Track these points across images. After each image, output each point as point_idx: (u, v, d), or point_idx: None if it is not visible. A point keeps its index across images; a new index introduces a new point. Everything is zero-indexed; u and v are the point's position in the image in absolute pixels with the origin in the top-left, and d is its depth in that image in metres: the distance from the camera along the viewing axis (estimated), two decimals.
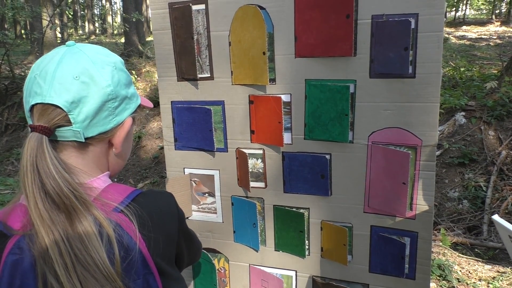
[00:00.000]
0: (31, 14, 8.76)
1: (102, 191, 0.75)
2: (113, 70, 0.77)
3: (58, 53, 0.75)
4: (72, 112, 0.71)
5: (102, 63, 0.76)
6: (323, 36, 1.20)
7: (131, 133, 0.86)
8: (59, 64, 0.73)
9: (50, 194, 0.67)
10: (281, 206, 1.38)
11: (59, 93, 0.71)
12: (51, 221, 0.65)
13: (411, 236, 1.25)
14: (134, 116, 0.84)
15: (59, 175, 0.68)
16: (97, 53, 0.78)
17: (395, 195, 1.22)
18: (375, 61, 1.17)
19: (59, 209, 0.67)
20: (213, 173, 1.44)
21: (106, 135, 0.78)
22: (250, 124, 1.35)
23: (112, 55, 0.81)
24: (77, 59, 0.74)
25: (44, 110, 0.71)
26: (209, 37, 1.33)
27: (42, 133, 0.70)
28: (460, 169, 4.54)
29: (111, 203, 0.72)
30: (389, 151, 1.20)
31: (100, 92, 0.74)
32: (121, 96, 0.78)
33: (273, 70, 1.27)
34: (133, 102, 0.83)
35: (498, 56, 7.95)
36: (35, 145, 0.69)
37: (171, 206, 0.82)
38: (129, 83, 0.82)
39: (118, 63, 0.80)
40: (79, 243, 0.65)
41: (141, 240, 0.71)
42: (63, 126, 0.72)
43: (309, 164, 1.30)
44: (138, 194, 0.77)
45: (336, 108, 1.23)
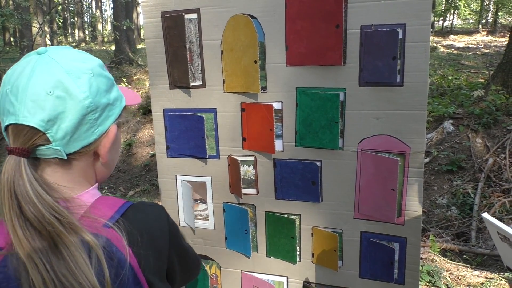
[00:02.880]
0: (21, 21, 8.72)
1: (90, 206, 0.72)
2: (90, 78, 0.70)
3: (29, 63, 0.68)
4: (50, 130, 0.66)
5: (78, 71, 0.69)
6: (313, 45, 1.22)
7: (118, 139, 0.81)
8: (30, 77, 0.66)
9: (31, 221, 0.62)
10: (273, 212, 1.39)
11: (33, 112, 0.65)
12: (32, 250, 0.61)
13: (400, 242, 1.27)
14: (119, 122, 0.78)
15: (40, 200, 0.64)
16: (72, 60, 0.70)
17: (384, 201, 1.24)
18: (364, 70, 1.19)
19: (42, 236, 0.62)
20: (205, 180, 1.45)
21: (89, 148, 0.73)
22: (242, 131, 1.36)
23: (89, 59, 0.73)
24: (49, 70, 0.67)
25: (19, 131, 0.66)
26: (201, 46, 1.35)
27: (19, 155, 0.65)
28: (448, 176, 4.60)
29: (100, 219, 0.69)
30: (378, 158, 1.23)
31: (78, 106, 0.68)
32: (102, 105, 0.72)
33: (264, 78, 1.29)
34: (117, 106, 0.76)
35: (485, 65, 8.10)
36: (13, 169, 0.65)
37: (161, 220, 0.78)
38: (110, 87, 0.75)
39: (96, 68, 0.73)
40: (65, 270, 0.61)
41: (131, 256, 0.69)
42: (42, 145, 0.67)
43: (300, 171, 1.32)
44: (127, 208, 0.74)
45: (326, 116, 1.25)
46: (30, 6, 9.04)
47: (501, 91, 5.42)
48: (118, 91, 0.79)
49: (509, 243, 0.63)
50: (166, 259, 0.77)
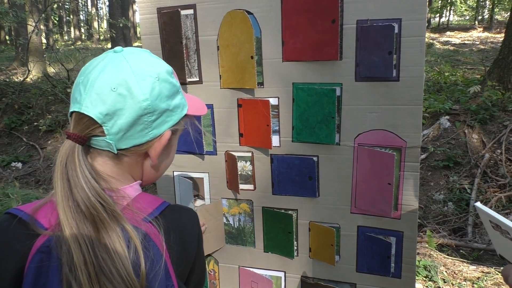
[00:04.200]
0: (16, 19, 8.67)
1: (133, 199, 0.75)
2: (154, 82, 0.73)
3: (104, 59, 0.74)
4: (106, 124, 0.71)
5: (144, 74, 0.72)
6: (309, 40, 1.23)
7: (172, 145, 0.83)
8: (101, 72, 0.71)
9: (79, 204, 0.67)
10: (270, 207, 1.39)
11: (95, 104, 0.70)
12: (78, 231, 0.65)
13: (397, 236, 1.27)
14: (175, 129, 0.79)
15: (88, 185, 0.68)
16: (141, 61, 0.74)
17: (381, 195, 1.25)
18: (360, 65, 1.20)
19: (87, 219, 0.67)
20: (203, 176, 1.45)
21: (141, 148, 0.75)
22: (239, 127, 1.37)
23: (158, 64, 0.76)
24: (119, 69, 0.72)
25: (79, 119, 0.71)
26: (197, 42, 1.35)
27: (75, 141, 0.70)
28: (445, 172, 4.62)
29: (141, 213, 0.72)
30: (374, 153, 1.23)
31: (136, 106, 0.71)
32: (160, 109, 0.74)
33: (261, 74, 1.30)
34: (176, 114, 0.78)
35: (481, 61, 8.13)
36: (67, 153, 0.70)
37: (195, 225, 0.82)
38: (173, 94, 0.77)
39: (162, 74, 0.75)
40: (105, 254, 0.65)
41: (166, 252, 0.71)
42: (97, 136, 0.72)
43: (297, 166, 1.33)
44: (166, 207, 0.77)
45: (323, 111, 1.25)
46: (25, 4, 9.00)
47: (497, 87, 5.44)
48: (182, 99, 0.80)
49: (501, 231, 0.64)
50: (191, 264, 0.80)
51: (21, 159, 6.74)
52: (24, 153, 7.03)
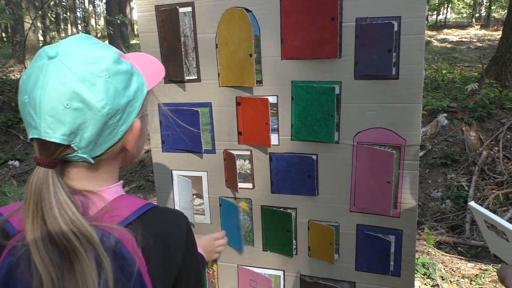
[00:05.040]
0: (13, 16, 8.63)
1: (110, 202, 0.73)
2: (106, 81, 0.67)
3: (41, 70, 0.66)
4: (73, 141, 0.67)
5: (92, 77, 0.66)
6: (308, 38, 1.22)
7: (145, 127, 0.80)
8: (44, 89, 0.64)
9: (51, 234, 0.64)
10: (269, 206, 1.39)
11: (54, 127, 0.65)
12: (48, 262, 0.63)
13: (396, 234, 1.27)
14: (143, 114, 0.76)
15: (61, 212, 0.65)
16: (84, 62, 0.66)
17: (380, 194, 1.25)
18: (360, 63, 1.19)
19: (59, 249, 0.64)
20: (201, 174, 1.45)
21: (115, 147, 0.73)
22: (238, 125, 1.36)
23: (103, 57, 0.69)
24: (62, 80, 0.64)
25: (43, 145, 0.67)
26: (196, 40, 1.34)
27: (47, 167, 0.67)
28: (443, 169, 4.63)
29: (117, 216, 0.69)
30: (374, 151, 1.23)
31: (97, 115, 0.66)
32: (122, 105, 0.70)
33: (259, 72, 1.29)
34: (138, 99, 0.74)
35: (479, 59, 8.14)
36: (41, 182, 0.66)
37: (181, 230, 0.76)
38: (128, 82, 0.71)
39: (111, 67, 0.69)
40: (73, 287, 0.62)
41: (141, 259, 0.68)
42: (69, 154, 0.68)
43: (296, 165, 1.32)
44: (147, 210, 0.73)
45: (322, 109, 1.25)
46: (22, 1, 8.95)
47: (495, 84, 5.45)
48: (139, 78, 0.75)
49: (496, 231, 0.63)
50: (176, 272, 0.75)
51: (18, 157, 6.72)
52: (21, 151, 7.01)
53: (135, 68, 0.76)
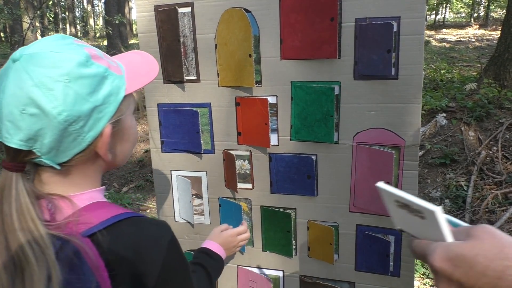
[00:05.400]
0: (11, 16, 8.61)
1: (81, 209, 0.69)
2: (65, 87, 0.64)
3: (5, 73, 0.65)
4: (34, 146, 0.65)
5: (49, 82, 0.63)
6: (308, 38, 1.22)
7: (126, 129, 0.76)
8: (4, 93, 0.63)
9: (7, 240, 0.62)
10: (268, 206, 1.39)
11: (12, 133, 0.64)
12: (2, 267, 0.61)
13: (396, 234, 1.27)
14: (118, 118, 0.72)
15: (20, 219, 0.63)
16: (44, 66, 0.64)
17: (379, 194, 1.25)
18: (359, 63, 1.19)
19: (13, 257, 0.62)
20: (200, 175, 1.44)
21: (84, 153, 0.70)
22: (237, 125, 1.36)
23: (66, 60, 0.65)
24: (20, 84, 0.62)
25: (6, 149, 0.66)
26: (195, 40, 1.34)
27: (12, 170, 0.65)
28: (441, 169, 4.63)
29: (83, 225, 0.66)
30: (373, 151, 1.23)
31: (53, 122, 0.63)
32: (85, 112, 0.66)
33: (259, 72, 1.29)
34: (110, 104, 0.70)
35: (477, 59, 8.15)
36: (2, 184, 0.65)
37: (158, 243, 0.70)
38: (96, 86, 0.67)
39: (73, 71, 0.65)
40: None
41: (103, 275, 0.64)
42: (34, 158, 0.67)
43: (296, 165, 1.32)
44: (122, 220, 0.68)
45: (321, 109, 1.25)
46: (20, 1, 8.94)
47: (493, 84, 5.45)
48: (115, 82, 0.71)
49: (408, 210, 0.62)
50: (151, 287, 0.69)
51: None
52: None
53: (113, 70, 0.72)
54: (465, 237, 0.55)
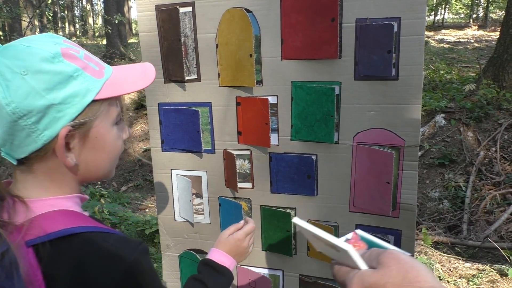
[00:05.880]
0: (10, 15, 8.59)
1: (38, 216, 0.66)
2: (21, 79, 0.63)
3: None
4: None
5: (8, 72, 0.63)
6: (309, 39, 1.22)
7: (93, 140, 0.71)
8: None
9: None
10: (268, 206, 1.39)
11: None
12: None
13: (395, 234, 1.28)
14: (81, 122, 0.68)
15: None
16: (10, 57, 0.64)
17: (379, 194, 1.25)
18: (360, 63, 1.20)
19: None
20: (201, 174, 1.45)
21: (42, 153, 0.67)
22: (237, 125, 1.36)
23: (31, 55, 0.65)
24: None
25: None
26: (196, 40, 1.34)
27: None
28: (440, 169, 4.64)
29: (31, 234, 0.63)
30: (373, 151, 1.23)
31: (2, 112, 0.63)
32: (38, 107, 0.64)
33: (259, 72, 1.29)
34: (72, 105, 0.66)
35: (476, 59, 8.16)
36: None
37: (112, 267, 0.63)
38: (59, 84, 0.65)
39: (34, 64, 0.64)
40: None
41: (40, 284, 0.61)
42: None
43: (296, 165, 1.33)
44: (75, 233, 0.64)
45: (322, 109, 1.25)
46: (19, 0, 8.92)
47: (492, 85, 5.47)
48: (84, 83, 0.68)
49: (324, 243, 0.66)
50: None
51: None
52: None
53: (89, 72, 0.70)
54: (376, 264, 0.59)
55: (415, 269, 0.56)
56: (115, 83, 0.73)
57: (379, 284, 0.56)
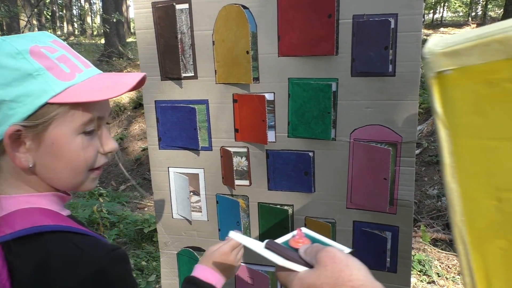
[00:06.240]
0: (8, 14, 8.58)
1: (8, 213, 0.66)
2: None
3: None
4: None
5: None
6: (305, 35, 1.22)
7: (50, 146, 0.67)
8: None
9: None
10: (266, 203, 1.39)
11: None
12: None
13: (392, 231, 1.28)
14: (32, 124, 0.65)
15: None
16: None
17: (376, 190, 1.25)
18: (357, 60, 1.19)
19: None
20: (198, 171, 1.45)
21: (2, 149, 0.66)
22: (234, 122, 1.36)
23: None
24: None
25: None
26: (192, 37, 1.34)
27: None
28: (438, 167, 4.64)
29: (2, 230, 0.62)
30: (370, 148, 1.23)
31: None
32: None
33: (256, 69, 1.29)
34: (24, 105, 0.64)
35: None
36: None
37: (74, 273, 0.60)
38: (14, 81, 0.64)
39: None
40: None
41: (5, 284, 0.60)
42: None
43: (293, 162, 1.32)
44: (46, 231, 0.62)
45: (318, 106, 1.25)
46: None
47: None
48: (40, 85, 0.65)
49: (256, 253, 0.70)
50: None
51: None
52: None
53: (53, 73, 0.67)
54: (315, 262, 0.62)
55: (349, 268, 0.59)
56: (83, 90, 0.68)
57: (316, 284, 0.58)
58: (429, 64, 0.61)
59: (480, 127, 0.57)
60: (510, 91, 0.53)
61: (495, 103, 0.55)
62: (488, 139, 0.57)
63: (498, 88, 0.54)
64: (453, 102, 0.60)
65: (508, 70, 0.53)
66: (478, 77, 0.56)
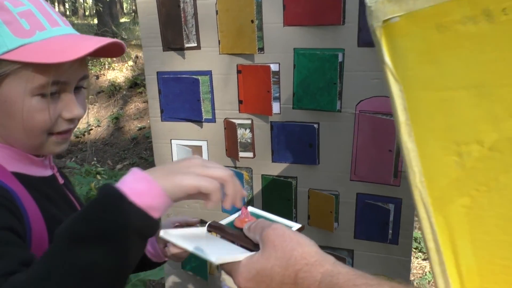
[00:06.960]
0: None
1: None
2: None
3: None
4: None
5: None
6: (311, 4, 1.20)
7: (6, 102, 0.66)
8: None
9: None
10: (269, 175, 1.39)
11: None
12: None
13: (395, 203, 1.28)
14: None
15: None
16: None
17: (381, 162, 1.25)
18: (363, 29, 1.18)
19: None
20: (201, 144, 1.44)
21: None
22: (238, 94, 1.35)
23: None
24: None
25: None
26: (195, 6, 1.31)
27: None
28: None
29: None
30: (376, 120, 1.23)
31: None
32: None
33: (261, 39, 1.27)
34: None
35: None
36: None
37: None
38: None
39: None
40: None
41: None
42: None
43: (297, 134, 1.32)
44: None
45: (324, 77, 1.24)
46: None
47: None
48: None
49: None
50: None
51: None
52: None
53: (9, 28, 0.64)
54: (261, 242, 0.57)
55: (301, 245, 0.54)
56: (37, 49, 0.64)
57: (267, 268, 0.54)
58: (374, 13, 0.54)
59: (434, 77, 0.53)
60: (464, 34, 0.49)
61: (448, 49, 0.51)
62: (444, 89, 0.53)
63: (450, 32, 0.50)
64: (403, 53, 0.55)
65: (459, 11, 0.48)
66: (427, 22, 0.51)
